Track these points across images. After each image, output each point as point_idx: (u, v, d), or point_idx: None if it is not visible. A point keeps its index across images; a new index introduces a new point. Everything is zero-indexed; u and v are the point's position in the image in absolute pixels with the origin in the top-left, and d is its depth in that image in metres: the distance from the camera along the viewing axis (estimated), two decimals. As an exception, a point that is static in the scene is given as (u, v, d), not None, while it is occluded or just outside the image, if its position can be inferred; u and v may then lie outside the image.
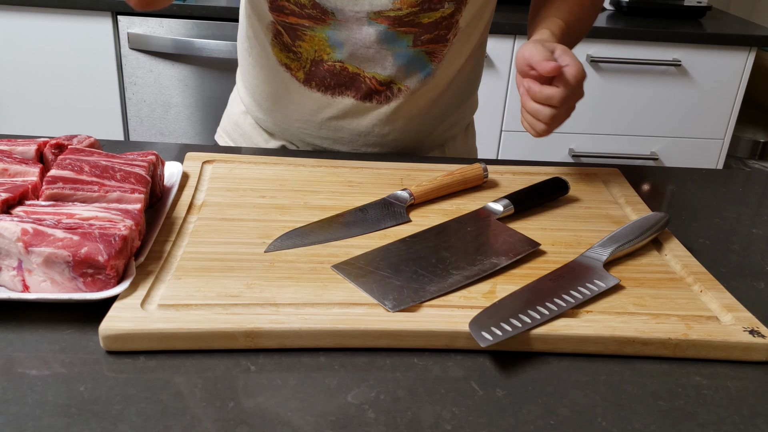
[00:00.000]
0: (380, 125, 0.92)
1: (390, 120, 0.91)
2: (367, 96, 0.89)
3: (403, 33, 0.84)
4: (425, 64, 0.88)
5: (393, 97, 0.90)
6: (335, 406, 0.49)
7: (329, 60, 0.87)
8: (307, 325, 0.53)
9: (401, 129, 0.93)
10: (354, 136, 0.93)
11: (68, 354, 0.52)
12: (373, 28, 0.83)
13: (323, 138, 0.94)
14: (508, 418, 0.49)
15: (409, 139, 0.95)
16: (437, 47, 0.87)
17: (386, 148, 0.95)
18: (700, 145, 2.09)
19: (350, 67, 0.87)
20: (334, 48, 0.86)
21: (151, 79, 1.92)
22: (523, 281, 0.62)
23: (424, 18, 0.83)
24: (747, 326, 0.57)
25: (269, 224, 0.69)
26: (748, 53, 1.96)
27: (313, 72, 0.89)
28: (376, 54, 0.86)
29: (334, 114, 0.91)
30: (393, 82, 0.88)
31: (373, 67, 0.87)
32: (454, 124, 1.00)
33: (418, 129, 0.94)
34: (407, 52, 0.86)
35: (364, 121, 0.91)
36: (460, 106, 0.99)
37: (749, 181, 0.96)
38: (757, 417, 0.50)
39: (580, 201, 0.79)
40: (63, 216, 0.58)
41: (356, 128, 0.92)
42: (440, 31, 0.86)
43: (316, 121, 0.93)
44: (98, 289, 0.55)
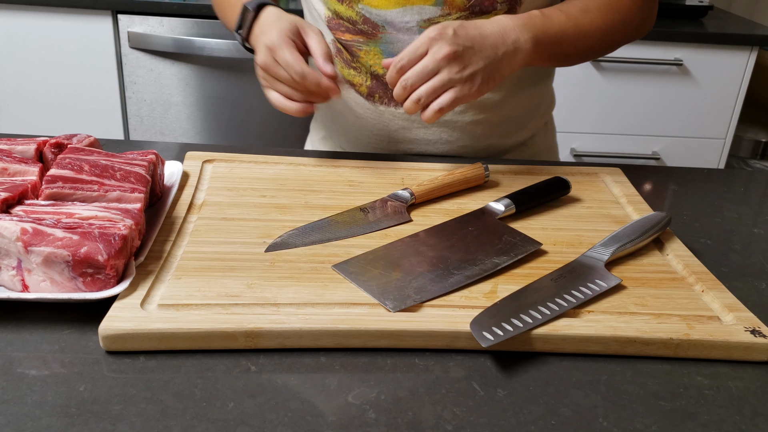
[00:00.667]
0: (447, 132, 0.91)
1: (455, 126, 0.91)
2: None
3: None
4: None
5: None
6: (336, 407, 0.48)
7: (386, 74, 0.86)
8: (307, 325, 0.53)
9: (469, 135, 0.92)
10: (423, 146, 0.93)
11: (68, 354, 0.52)
12: None
13: (389, 150, 0.94)
14: (509, 419, 0.48)
15: (479, 144, 0.94)
16: None
17: (454, 151, 0.94)
18: (702, 144, 2.08)
19: None
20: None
21: (152, 78, 1.92)
22: (525, 281, 0.62)
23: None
24: (748, 326, 0.57)
25: (270, 224, 0.69)
26: (749, 53, 1.96)
27: (375, 85, 0.89)
28: None
29: (401, 126, 0.91)
30: None
31: None
32: (525, 125, 0.97)
33: (486, 133, 0.93)
34: None
35: (430, 129, 0.91)
36: (530, 106, 0.96)
37: (751, 180, 0.96)
38: (758, 417, 0.50)
39: (582, 200, 0.79)
40: (62, 215, 0.58)
41: (424, 137, 0.92)
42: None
43: (384, 135, 0.93)
44: (98, 288, 0.55)
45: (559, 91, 2.06)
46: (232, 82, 1.93)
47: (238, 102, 1.96)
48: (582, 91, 1.99)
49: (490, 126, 0.93)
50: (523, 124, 0.97)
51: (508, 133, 0.95)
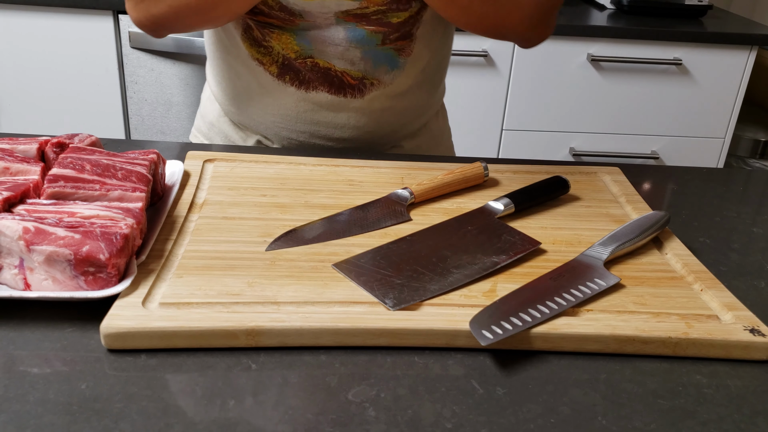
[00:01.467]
0: (356, 118, 0.92)
1: (365, 113, 0.92)
2: (341, 90, 0.90)
3: (372, 32, 0.85)
4: (394, 60, 0.90)
5: (366, 90, 0.90)
6: (336, 405, 0.49)
7: (298, 58, 0.88)
8: (307, 324, 0.53)
9: (376, 121, 0.94)
10: (330, 130, 0.93)
11: (69, 352, 0.52)
12: (341, 26, 0.84)
13: (299, 132, 0.94)
14: (509, 417, 0.49)
15: (383, 130, 0.96)
16: (404, 43, 0.89)
17: (361, 142, 0.95)
18: (701, 144, 2.09)
19: (321, 62, 0.88)
20: (302, 46, 0.87)
21: (152, 77, 1.92)
22: (524, 280, 0.62)
23: (393, 18, 0.84)
24: (747, 325, 0.57)
25: (270, 223, 0.69)
26: (749, 52, 1.96)
27: (287, 66, 0.89)
28: (345, 51, 0.87)
29: (309, 108, 0.92)
30: (364, 77, 0.89)
31: (344, 64, 0.88)
32: (425, 111, 1.00)
33: (391, 120, 0.95)
34: (375, 50, 0.87)
35: (339, 114, 0.92)
36: (431, 94, 1.00)
37: (750, 180, 0.96)
38: (757, 416, 0.50)
39: (581, 200, 0.79)
40: (64, 214, 0.58)
41: (332, 121, 0.93)
42: (406, 28, 0.87)
43: (291, 115, 0.93)
44: (99, 287, 0.55)
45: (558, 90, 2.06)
46: (232, 82, 1.93)
47: (238, 101, 1.96)
48: (581, 90, 1.99)
49: (395, 113, 0.95)
50: (423, 112, 0.99)
51: (409, 119, 0.98)
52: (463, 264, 0.63)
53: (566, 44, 1.94)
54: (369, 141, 0.96)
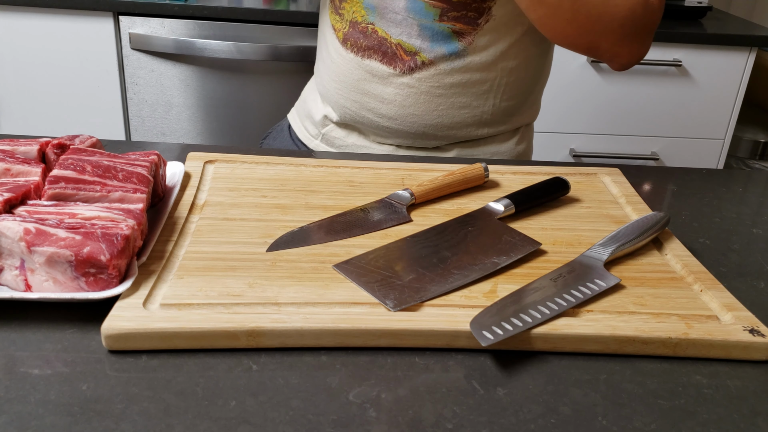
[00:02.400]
0: (403, 95, 0.93)
1: (412, 91, 0.93)
2: (392, 62, 0.91)
3: (431, 5, 0.87)
4: (451, 42, 0.90)
5: (416, 68, 0.91)
6: (337, 405, 0.49)
7: (363, 22, 0.91)
8: (308, 325, 0.54)
9: (424, 104, 0.93)
10: (377, 103, 0.94)
11: (70, 353, 0.52)
12: None
13: (352, 101, 0.96)
14: (509, 417, 0.49)
15: (429, 119, 0.94)
16: (465, 28, 0.89)
17: (406, 125, 0.95)
18: (701, 145, 2.09)
19: (380, 30, 0.90)
20: (368, 11, 0.90)
21: (153, 79, 1.92)
22: (524, 280, 0.62)
23: None
24: (747, 325, 0.57)
25: (271, 224, 0.69)
26: (748, 53, 1.96)
27: (350, 33, 0.93)
28: (403, 21, 0.89)
29: (362, 77, 0.94)
30: (417, 53, 0.90)
31: (400, 34, 0.90)
32: (494, 122, 0.97)
33: (439, 111, 0.94)
34: (432, 25, 0.88)
35: (387, 87, 0.93)
36: (506, 108, 0.97)
37: (749, 181, 0.96)
38: (757, 416, 0.51)
39: (581, 201, 0.80)
40: (65, 216, 0.58)
41: (380, 94, 0.93)
42: (469, 12, 0.88)
43: (347, 82, 0.96)
44: (100, 288, 0.55)
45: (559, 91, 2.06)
46: (233, 83, 1.94)
47: (238, 103, 1.96)
48: (581, 91, 1.99)
49: (446, 104, 0.93)
50: (484, 120, 0.96)
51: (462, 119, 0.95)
52: (464, 265, 0.63)
53: (566, 45, 1.94)
54: (409, 126, 0.95)
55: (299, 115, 1.10)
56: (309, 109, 1.06)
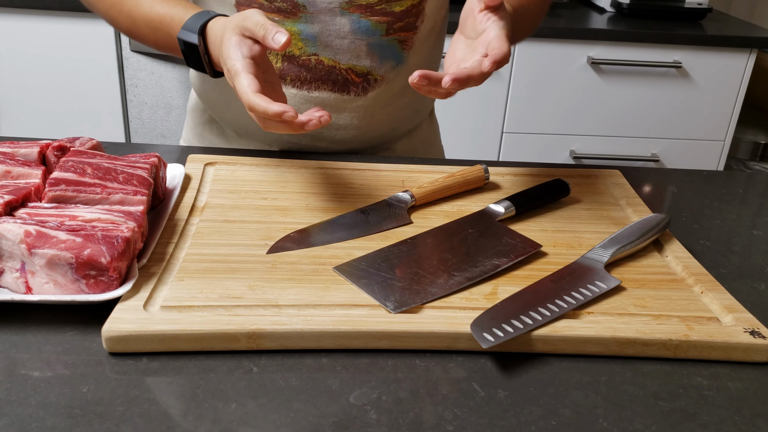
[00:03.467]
0: (359, 117, 0.91)
1: (368, 111, 0.91)
2: (345, 88, 0.88)
3: (376, 22, 0.85)
4: (398, 53, 0.89)
5: (370, 87, 0.89)
6: (337, 407, 0.49)
7: (302, 54, 0.86)
8: (309, 327, 0.54)
9: (377, 121, 0.93)
10: (333, 131, 0.92)
11: (71, 355, 0.52)
12: (345, 18, 0.84)
13: (300, 137, 0.92)
14: (510, 419, 0.49)
15: (381, 130, 0.95)
16: (408, 35, 0.88)
17: (357, 143, 0.94)
18: (701, 146, 2.09)
19: (325, 59, 0.86)
20: (306, 42, 0.85)
21: (153, 81, 1.92)
22: (525, 282, 0.62)
23: (396, 6, 0.85)
24: (747, 327, 0.57)
25: (271, 226, 0.69)
26: (748, 55, 1.96)
27: (287, 68, 0.87)
28: (350, 45, 0.85)
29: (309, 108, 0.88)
30: (369, 73, 0.88)
31: (349, 59, 0.86)
32: (420, 111, 1.00)
33: (390, 119, 0.95)
34: (380, 41, 0.86)
35: (342, 114, 0.90)
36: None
37: (750, 182, 0.96)
38: (757, 418, 0.51)
39: (581, 202, 0.80)
40: (66, 218, 0.58)
41: (335, 122, 0.91)
42: (410, 18, 0.87)
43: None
44: (101, 290, 0.55)
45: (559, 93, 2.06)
46: (232, 85, 1.93)
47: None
48: (581, 93, 1.99)
49: (393, 112, 0.94)
50: (418, 111, 0.99)
51: (406, 119, 0.97)
52: (464, 267, 0.63)
53: (566, 47, 1.94)
54: (365, 143, 0.95)
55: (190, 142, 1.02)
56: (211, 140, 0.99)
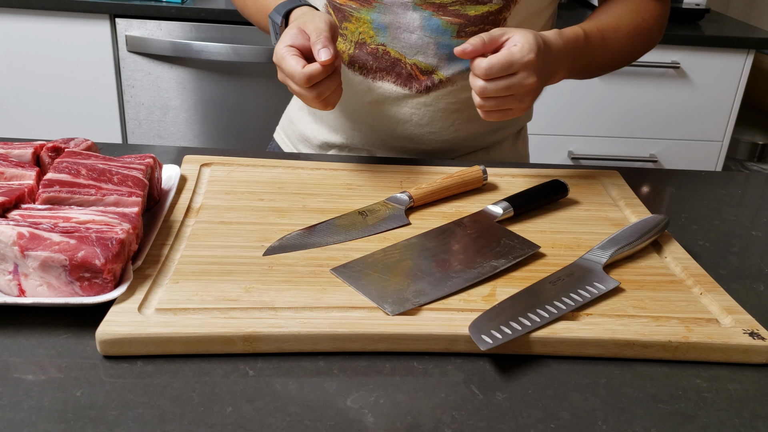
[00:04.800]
0: (419, 115, 0.90)
1: (429, 111, 0.90)
2: (407, 82, 0.88)
3: (447, 23, 0.84)
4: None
5: (433, 87, 0.89)
6: (334, 411, 0.48)
7: (372, 43, 0.87)
8: (305, 329, 0.53)
9: (440, 121, 0.91)
10: (392, 124, 0.92)
11: (65, 359, 0.51)
12: (417, 13, 0.84)
13: (362, 124, 0.94)
14: (509, 422, 0.48)
15: (449, 136, 0.93)
16: None
17: (423, 143, 0.93)
18: (699, 147, 2.09)
19: (392, 51, 0.87)
20: (377, 31, 0.86)
21: (150, 81, 1.92)
22: (523, 284, 0.62)
23: (471, 10, 0.83)
24: (747, 328, 0.57)
25: (267, 227, 0.69)
26: (746, 55, 1.96)
27: (357, 55, 0.89)
28: (418, 40, 0.86)
29: (373, 99, 0.90)
30: (434, 72, 0.88)
31: (415, 54, 0.87)
32: (501, 128, 0.97)
33: (457, 126, 0.92)
34: (450, 42, 0.86)
35: (402, 108, 0.90)
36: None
37: (748, 183, 0.96)
38: (757, 419, 0.50)
39: (580, 203, 0.79)
40: (59, 219, 0.58)
41: (395, 115, 0.91)
42: (486, 26, 0.85)
43: (355, 105, 0.92)
44: (95, 293, 0.55)
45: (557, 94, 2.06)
46: (230, 86, 1.93)
47: (235, 105, 1.96)
48: (579, 93, 1.99)
49: (462, 119, 0.92)
50: (495, 128, 0.97)
51: (478, 131, 0.95)
52: (462, 268, 0.63)
53: (564, 47, 1.94)
54: (432, 144, 0.93)
55: (289, 138, 1.05)
56: (302, 132, 1.02)
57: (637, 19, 0.86)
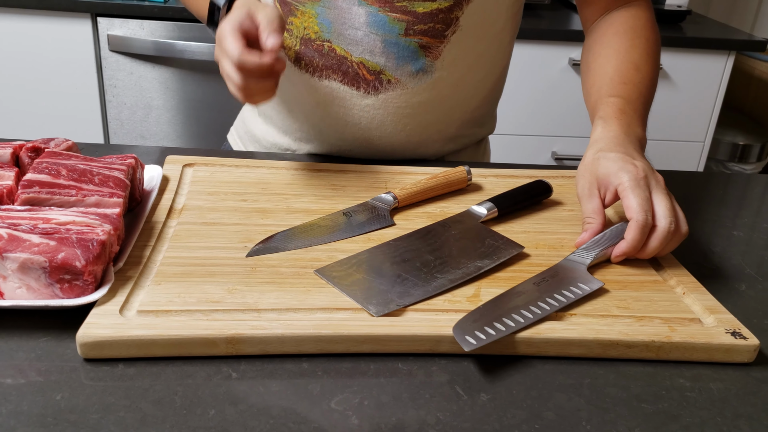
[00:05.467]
0: (367, 118, 0.87)
1: (379, 114, 0.87)
2: (354, 82, 0.85)
3: (395, 19, 0.81)
4: (419, 58, 0.84)
5: (382, 88, 0.85)
6: (318, 413, 0.48)
7: (317, 39, 0.84)
8: (289, 331, 0.53)
9: (390, 126, 0.88)
10: (341, 126, 0.88)
11: (44, 362, 0.51)
12: (363, 9, 0.81)
13: (310, 125, 0.91)
14: (493, 423, 0.48)
15: (400, 141, 0.90)
16: (432, 42, 0.83)
17: (372, 148, 0.90)
18: (681, 147, 2.10)
19: (338, 48, 0.84)
20: (322, 27, 0.83)
21: (132, 81, 1.90)
22: (507, 284, 0.62)
23: (419, 6, 0.81)
24: (729, 328, 0.57)
25: (251, 228, 0.68)
26: (727, 57, 1.98)
27: (302, 51, 0.86)
28: (364, 37, 0.82)
29: (320, 99, 0.87)
30: (382, 72, 0.84)
31: (361, 52, 0.83)
32: (459, 136, 0.95)
33: (408, 132, 0.89)
34: (398, 40, 0.82)
35: (350, 110, 0.87)
36: (470, 120, 0.94)
37: (729, 183, 0.96)
38: (739, 418, 0.51)
39: (564, 204, 0.79)
40: (39, 221, 0.57)
41: (343, 117, 0.87)
42: (436, 24, 0.82)
43: (302, 105, 0.89)
44: (76, 295, 0.54)
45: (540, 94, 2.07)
46: (213, 86, 1.92)
47: (219, 105, 1.95)
48: (562, 94, 2.00)
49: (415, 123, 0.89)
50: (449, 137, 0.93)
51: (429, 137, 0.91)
52: (447, 269, 0.63)
53: (548, 49, 1.95)
54: (380, 148, 0.90)
55: (241, 139, 1.02)
56: (253, 133, 0.99)
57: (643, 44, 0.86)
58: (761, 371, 0.56)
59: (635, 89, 0.81)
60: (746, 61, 2.34)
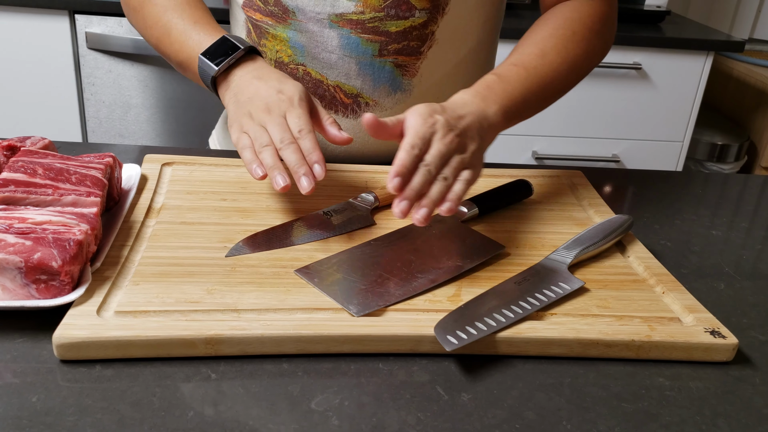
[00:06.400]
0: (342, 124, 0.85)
1: (359, 134, 0.86)
2: (332, 106, 0.84)
3: (368, 41, 0.80)
4: (395, 78, 0.83)
5: (360, 111, 0.84)
6: (299, 414, 0.48)
7: (291, 63, 0.83)
8: (269, 331, 0.52)
9: (374, 143, 0.86)
10: (321, 144, 0.84)
11: (20, 363, 0.50)
12: (335, 31, 0.80)
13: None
14: (474, 423, 0.48)
15: (384, 151, 0.88)
16: (408, 60, 0.82)
17: (356, 159, 0.88)
18: (661, 147, 2.12)
19: (313, 72, 0.83)
20: (295, 50, 0.82)
21: (110, 79, 1.88)
22: (488, 284, 0.62)
23: (391, 26, 0.79)
24: (708, 327, 0.58)
25: (230, 228, 0.68)
26: (706, 57, 2.00)
27: None
28: (339, 60, 0.81)
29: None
30: (359, 95, 0.83)
31: (337, 75, 0.82)
32: None
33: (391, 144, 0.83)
34: (372, 61, 0.81)
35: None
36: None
37: (707, 183, 0.97)
38: (718, 417, 0.51)
39: (544, 203, 0.80)
40: (15, 220, 0.56)
41: (322, 140, 0.83)
42: (411, 41, 0.81)
43: None
44: (52, 296, 0.53)
45: (522, 94, 2.06)
46: (192, 84, 1.90)
47: (198, 104, 1.93)
48: (544, 94, 2.01)
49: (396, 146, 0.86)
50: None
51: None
52: (428, 268, 0.62)
53: (528, 48, 1.95)
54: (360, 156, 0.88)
55: (221, 146, 1.00)
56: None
57: (566, 34, 0.79)
58: (740, 370, 0.56)
59: (523, 73, 0.75)
60: (724, 61, 2.37)
